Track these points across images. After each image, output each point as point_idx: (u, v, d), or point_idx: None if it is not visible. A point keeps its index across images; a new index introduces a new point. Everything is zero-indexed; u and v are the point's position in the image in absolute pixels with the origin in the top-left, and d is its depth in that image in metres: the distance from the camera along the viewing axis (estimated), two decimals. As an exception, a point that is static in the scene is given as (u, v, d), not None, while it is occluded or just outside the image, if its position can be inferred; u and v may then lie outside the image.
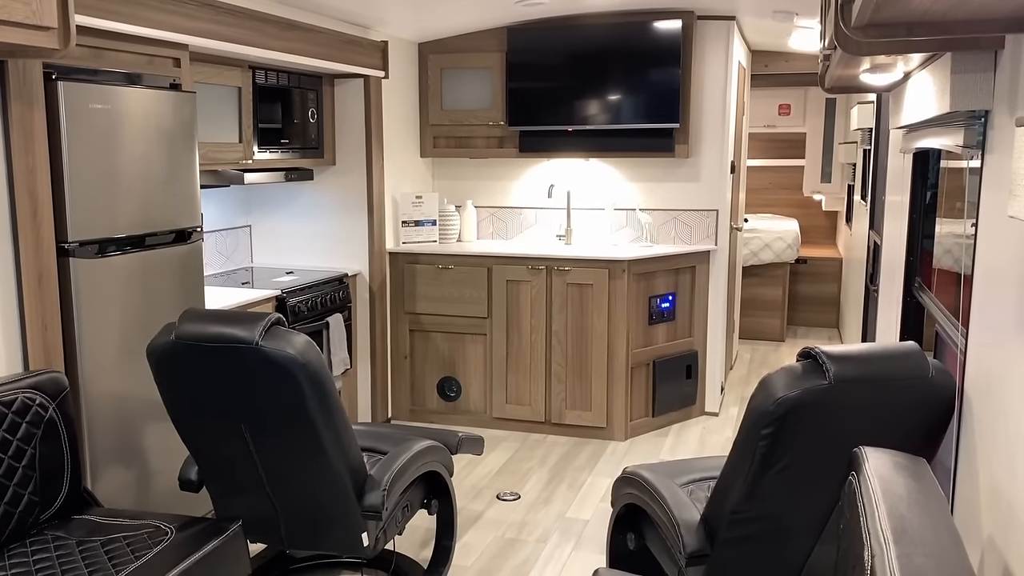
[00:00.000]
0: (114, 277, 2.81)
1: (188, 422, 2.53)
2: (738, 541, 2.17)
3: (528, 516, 3.61)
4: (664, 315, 4.65)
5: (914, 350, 2.04)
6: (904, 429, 2.00)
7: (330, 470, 2.46)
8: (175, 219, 3.06)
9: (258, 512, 2.61)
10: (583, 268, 4.45)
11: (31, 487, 2.36)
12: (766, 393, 1.97)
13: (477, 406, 4.74)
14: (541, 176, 5.05)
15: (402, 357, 4.81)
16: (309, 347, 2.33)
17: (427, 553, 3.16)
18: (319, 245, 4.56)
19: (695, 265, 4.75)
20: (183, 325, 2.37)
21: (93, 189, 2.71)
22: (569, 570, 3.14)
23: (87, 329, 2.72)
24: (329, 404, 2.39)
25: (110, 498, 2.81)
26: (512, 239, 5.14)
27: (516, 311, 4.58)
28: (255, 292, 3.75)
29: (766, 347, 6.75)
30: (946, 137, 2.35)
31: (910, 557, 1.28)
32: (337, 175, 4.49)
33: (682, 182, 4.83)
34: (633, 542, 2.69)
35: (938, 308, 2.67)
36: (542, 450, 4.40)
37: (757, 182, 8.57)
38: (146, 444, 2.97)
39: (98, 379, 2.77)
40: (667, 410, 4.73)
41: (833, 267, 7.33)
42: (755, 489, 2.06)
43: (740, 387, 5.56)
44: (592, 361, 4.50)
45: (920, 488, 1.54)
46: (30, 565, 2.17)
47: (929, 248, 3.13)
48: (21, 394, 2.34)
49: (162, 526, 2.34)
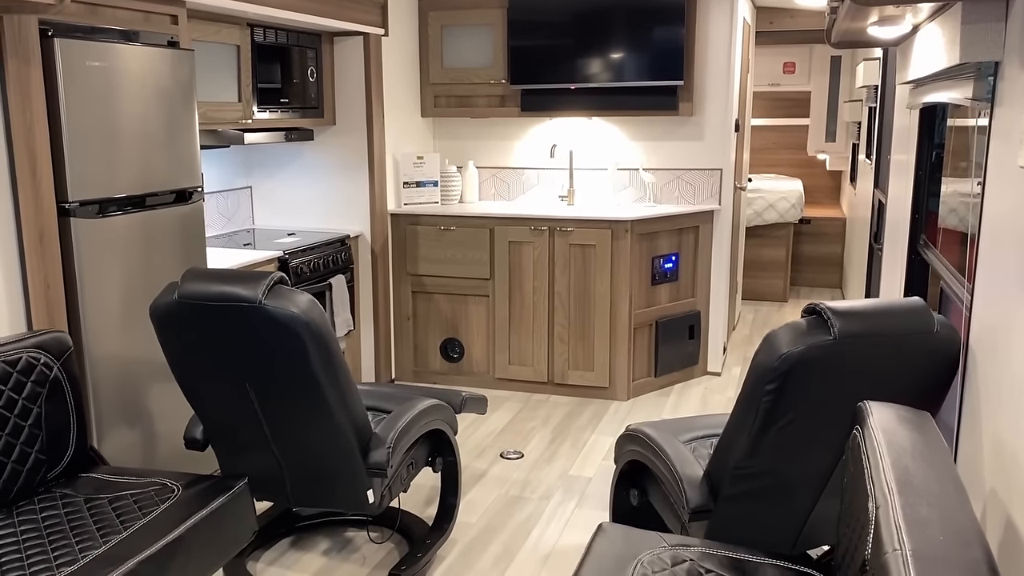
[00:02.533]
0: (115, 237, 2.80)
1: (192, 382, 2.53)
2: (741, 496, 2.18)
3: (531, 474, 3.64)
4: (667, 275, 4.64)
5: (919, 305, 2.03)
6: (908, 384, 2.00)
7: (335, 428, 2.47)
8: (175, 179, 3.04)
9: (264, 470, 2.62)
10: (586, 229, 4.43)
11: (38, 445, 2.37)
12: (770, 349, 1.97)
13: (480, 367, 4.75)
14: (543, 136, 5.01)
15: (405, 318, 4.81)
16: (312, 306, 2.33)
17: (432, 510, 3.19)
18: (320, 206, 4.54)
19: (698, 225, 4.73)
20: (185, 284, 2.36)
21: (92, 148, 2.69)
22: (572, 526, 3.17)
23: (89, 289, 2.71)
24: (333, 362, 2.39)
25: (116, 458, 2.83)
26: (514, 200, 5.11)
27: (518, 272, 4.57)
28: (257, 253, 3.74)
29: (769, 308, 6.75)
30: (955, 90, 2.32)
31: (914, 507, 1.29)
32: (337, 135, 4.45)
33: (686, 141, 4.79)
34: (636, 498, 2.71)
35: (943, 265, 2.66)
36: (545, 410, 4.42)
37: (761, 142, 8.51)
38: (151, 404, 2.99)
39: (101, 339, 2.77)
40: (669, 370, 4.74)
41: (837, 227, 7.31)
42: (758, 445, 2.07)
43: (743, 347, 5.57)
44: (595, 322, 4.50)
45: (924, 440, 1.55)
46: (39, 522, 2.19)
47: (934, 206, 3.11)
48: (25, 353, 2.34)
49: (168, 484, 2.35)
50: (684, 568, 1.91)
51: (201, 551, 2.18)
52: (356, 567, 2.88)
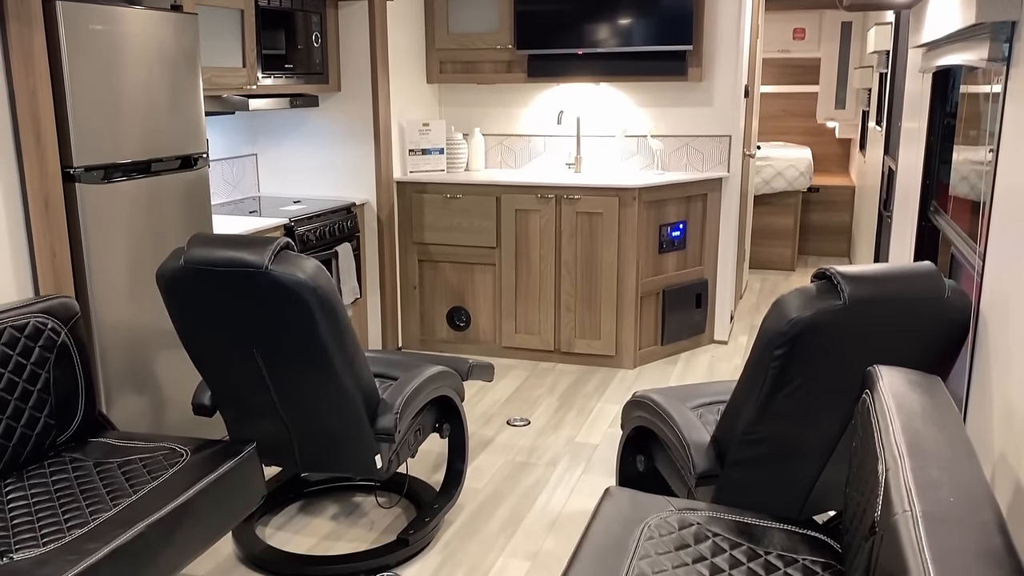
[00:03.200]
0: (121, 203, 2.79)
1: (200, 347, 2.53)
2: (748, 462, 2.18)
3: (538, 441, 3.65)
4: (674, 244, 4.61)
5: (930, 270, 2.01)
6: (918, 349, 1.99)
7: (343, 394, 2.47)
8: (180, 145, 3.02)
9: (272, 436, 2.64)
10: (593, 196, 4.40)
11: (47, 410, 2.38)
12: (779, 314, 1.96)
13: (486, 335, 4.75)
14: (550, 102, 4.96)
15: (411, 287, 4.80)
16: (319, 271, 2.32)
17: (439, 476, 3.20)
18: (326, 174, 4.52)
19: (707, 193, 4.69)
20: (192, 250, 2.36)
21: (96, 113, 2.67)
22: (579, 492, 3.18)
23: (96, 256, 2.71)
24: (340, 328, 2.38)
25: (125, 424, 2.84)
26: (521, 168, 5.08)
27: (525, 240, 4.55)
28: (263, 220, 3.72)
29: (776, 276, 6.73)
30: (969, 52, 2.28)
31: (925, 470, 1.28)
32: (342, 102, 4.41)
33: (694, 107, 4.74)
34: (643, 464, 2.71)
35: (954, 230, 2.64)
36: (551, 378, 4.43)
37: (770, 109, 8.43)
38: (159, 371, 2.99)
39: (109, 306, 2.77)
40: (676, 339, 4.73)
41: (845, 195, 7.25)
42: (766, 410, 2.06)
43: (750, 316, 5.55)
44: (601, 290, 4.49)
45: (934, 404, 1.54)
46: (49, 485, 2.21)
47: (946, 173, 3.08)
48: (33, 318, 2.35)
49: (177, 448, 2.36)
50: (691, 532, 1.92)
51: (210, 515, 2.19)
52: (364, 531, 2.91)
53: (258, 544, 2.75)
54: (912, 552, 1.10)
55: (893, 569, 1.13)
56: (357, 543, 2.82)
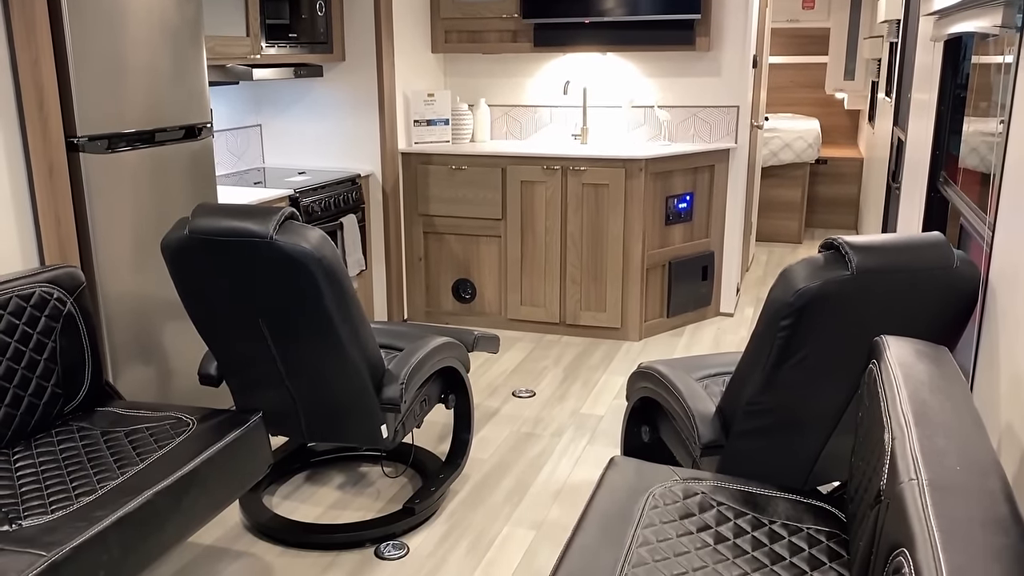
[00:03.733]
0: (125, 173, 2.78)
1: (205, 317, 2.53)
2: (753, 432, 2.18)
3: (543, 412, 3.66)
4: (681, 215, 4.59)
5: (939, 240, 1.99)
6: (926, 320, 1.98)
7: (348, 364, 2.47)
8: (184, 114, 3.00)
9: (278, 406, 2.64)
10: (599, 168, 4.38)
11: (54, 379, 2.39)
12: (786, 284, 1.95)
13: (492, 308, 4.75)
14: (556, 72, 4.92)
15: (416, 259, 4.80)
16: (324, 241, 2.31)
17: (445, 447, 3.22)
18: (330, 145, 4.50)
19: (714, 164, 4.66)
20: (196, 220, 2.35)
21: (99, 82, 2.65)
22: (584, 462, 3.20)
23: (101, 226, 2.70)
24: (345, 298, 2.38)
25: (131, 394, 2.85)
26: (526, 139, 5.04)
27: (531, 212, 4.53)
28: (268, 191, 3.71)
29: (783, 249, 6.70)
30: (982, 19, 2.25)
31: (931, 438, 1.28)
32: (347, 72, 4.38)
33: (702, 77, 4.69)
34: (647, 435, 2.72)
35: (963, 201, 2.61)
36: (556, 350, 4.43)
37: (778, 80, 8.34)
38: (165, 342, 3.00)
39: (114, 276, 2.77)
40: (682, 311, 4.73)
41: (854, 167, 7.20)
42: (772, 381, 2.06)
43: (756, 288, 5.54)
44: (607, 262, 4.47)
45: (941, 374, 1.53)
46: (57, 454, 2.22)
47: (955, 144, 3.05)
48: (38, 288, 2.35)
49: (183, 417, 2.37)
50: (696, 501, 1.92)
51: (216, 483, 2.20)
52: (370, 500, 2.92)
53: (265, 513, 2.78)
54: (918, 520, 1.10)
55: (898, 537, 1.13)
56: (363, 512, 2.84)
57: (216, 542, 2.68)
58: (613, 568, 1.63)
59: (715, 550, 1.75)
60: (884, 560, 1.17)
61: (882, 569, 1.17)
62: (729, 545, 1.78)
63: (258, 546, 2.66)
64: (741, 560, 1.73)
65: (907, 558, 1.06)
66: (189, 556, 2.61)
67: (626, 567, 1.64)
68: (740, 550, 1.76)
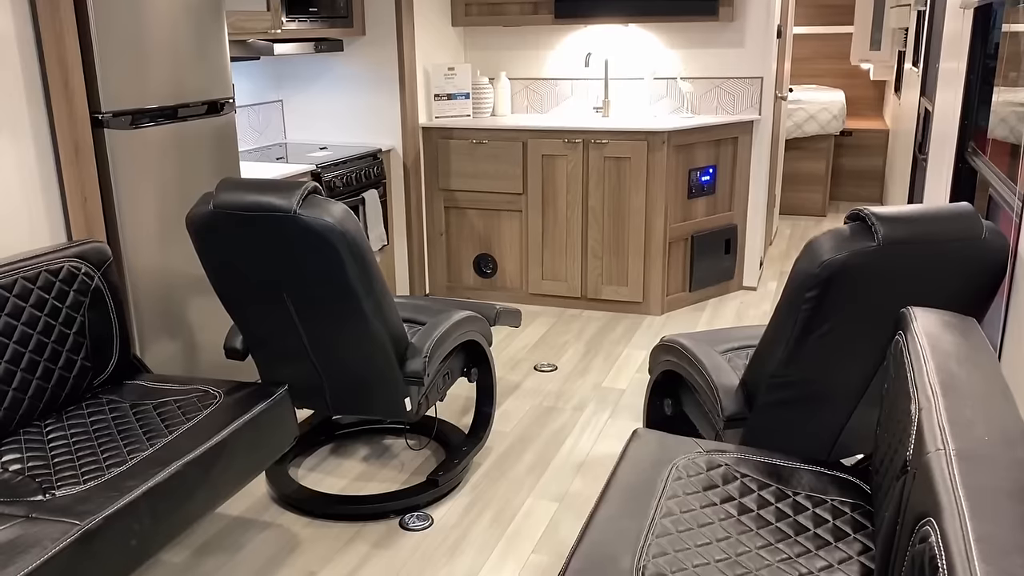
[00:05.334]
0: (149, 149, 2.80)
1: (231, 291, 2.56)
2: (776, 405, 2.17)
3: (565, 386, 3.67)
4: (704, 188, 4.56)
5: (968, 211, 1.97)
6: (953, 291, 1.96)
7: (372, 337, 2.49)
8: (206, 90, 3.01)
9: (304, 379, 2.67)
10: (621, 141, 4.35)
11: (83, 353, 2.43)
12: (812, 255, 1.93)
13: (513, 282, 4.75)
14: (577, 45, 4.88)
15: (438, 234, 4.80)
16: (347, 216, 2.32)
17: (468, 420, 3.24)
18: (352, 120, 4.50)
19: (737, 136, 4.61)
20: (220, 194, 2.36)
21: (123, 58, 2.66)
22: (606, 436, 3.21)
23: (126, 201, 2.73)
24: (369, 272, 2.39)
25: (159, 368, 2.89)
26: (547, 112, 5.01)
27: (552, 186, 4.52)
28: (290, 167, 3.72)
29: (807, 222, 6.64)
30: (1015, -15, 2.20)
31: (959, 409, 1.27)
32: (367, 46, 4.37)
33: (726, 48, 4.63)
34: (670, 408, 2.72)
35: (992, 171, 2.57)
36: (578, 324, 4.43)
37: (802, 51, 8.22)
38: (191, 317, 3.03)
39: (140, 251, 2.80)
40: (704, 285, 4.70)
41: (879, 139, 7.10)
42: (796, 353, 2.05)
43: (779, 262, 5.50)
44: (629, 236, 4.46)
45: (969, 345, 1.52)
46: (87, 425, 2.26)
47: (984, 115, 3.00)
48: (67, 263, 2.38)
49: (211, 390, 2.40)
50: (719, 472, 1.92)
51: (244, 455, 2.23)
52: (395, 472, 2.95)
53: (291, 484, 2.81)
54: (945, 490, 1.10)
55: (925, 507, 1.13)
56: (388, 484, 2.87)
57: (244, 513, 2.73)
58: (637, 538, 1.64)
59: (739, 521, 1.76)
60: (910, 530, 1.16)
61: (908, 539, 1.17)
62: (753, 516, 1.78)
63: (285, 517, 2.70)
64: (765, 531, 1.73)
65: (934, 527, 1.06)
66: (218, 526, 2.65)
67: (650, 537, 1.65)
68: (764, 521, 1.76)
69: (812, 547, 1.68)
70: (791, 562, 1.63)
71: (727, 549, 1.65)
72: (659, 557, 1.59)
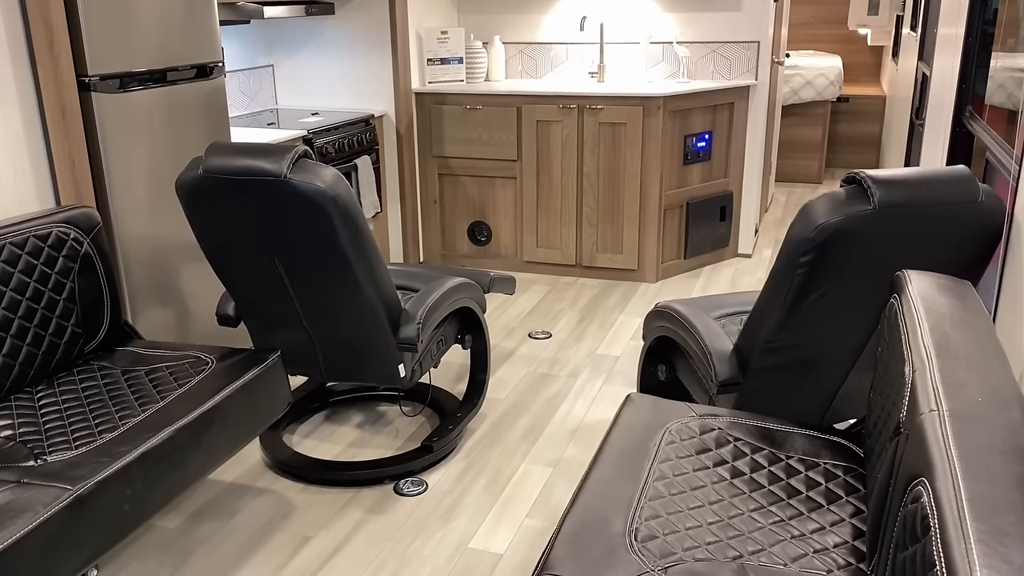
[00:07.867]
0: (137, 113, 2.76)
1: (221, 257, 2.53)
2: (770, 370, 2.17)
3: (559, 353, 3.67)
4: (699, 155, 4.52)
5: (964, 174, 1.95)
6: (949, 255, 1.95)
7: (365, 303, 2.47)
8: (195, 53, 2.96)
9: (296, 345, 2.66)
10: (616, 106, 4.30)
11: (73, 319, 2.41)
12: (807, 219, 1.92)
13: (508, 250, 4.73)
14: (572, 8, 4.81)
15: (432, 201, 4.77)
16: (338, 180, 2.29)
17: (462, 387, 3.24)
18: (343, 85, 4.44)
19: (733, 101, 4.57)
20: (210, 159, 2.33)
21: (109, 20, 2.61)
22: (600, 402, 3.21)
23: (115, 166, 2.69)
24: (361, 238, 2.37)
25: (150, 335, 2.87)
26: (542, 77, 4.96)
27: (547, 153, 4.48)
28: (281, 132, 3.68)
29: (803, 189, 6.61)
30: (1016, -57, 2.16)
31: (953, 371, 1.26)
32: (359, 9, 4.30)
33: (722, 11, 4.57)
34: (664, 373, 2.72)
35: (990, 135, 2.55)
36: (573, 292, 4.42)
37: (799, 16, 8.13)
38: (183, 283, 3.01)
39: (129, 217, 2.77)
40: (699, 252, 4.69)
41: (876, 105, 7.05)
42: (790, 318, 2.04)
43: (774, 229, 5.48)
44: (624, 203, 4.43)
45: (964, 307, 1.51)
46: (79, 392, 2.25)
47: (982, 80, 2.97)
48: (55, 228, 2.35)
49: (203, 356, 2.39)
50: (712, 436, 1.92)
51: (236, 420, 2.23)
52: (389, 439, 2.96)
53: (285, 451, 2.81)
54: (938, 450, 1.10)
55: (918, 467, 1.13)
56: (382, 450, 2.88)
57: (238, 479, 2.73)
58: (630, 501, 1.64)
59: (732, 484, 1.76)
60: (903, 491, 1.16)
61: (900, 500, 1.16)
62: (746, 479, 1.78)
63: (279, 483, 2.70)
64: (758, 494, 1.73)
65: (926, 487, 1.05)
66: (212, 492, 2.66)
67: (643, 500, 1.65)
68: (757, 484, 1.77)
69: (804, 510, 1.69)
70: (783, 524, 1.63)
71: (719, 512, 1.66)
72: (652, 520, 1.59)
